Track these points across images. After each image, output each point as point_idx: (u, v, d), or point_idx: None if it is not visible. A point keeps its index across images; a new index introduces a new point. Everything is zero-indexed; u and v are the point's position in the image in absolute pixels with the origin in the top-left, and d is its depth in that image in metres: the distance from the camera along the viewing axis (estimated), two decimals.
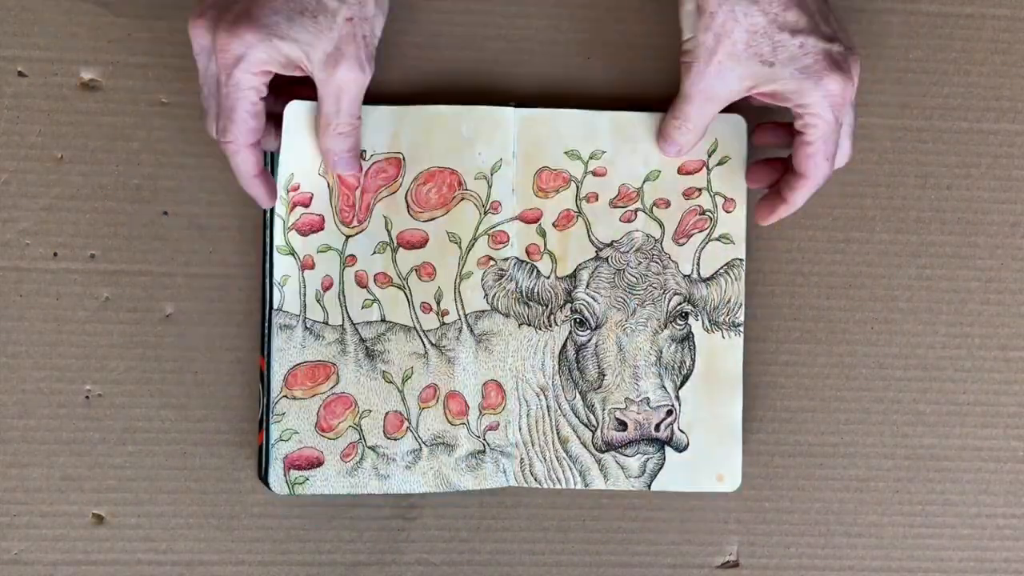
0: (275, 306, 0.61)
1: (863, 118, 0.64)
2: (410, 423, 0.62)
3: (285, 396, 0.61)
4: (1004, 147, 0.65)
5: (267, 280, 0.61)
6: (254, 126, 0.56)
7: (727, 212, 0.62)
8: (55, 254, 0.62)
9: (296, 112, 0.59)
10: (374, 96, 0.61)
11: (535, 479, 0.62)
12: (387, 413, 0.62)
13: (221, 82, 0.55)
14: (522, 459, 0.62)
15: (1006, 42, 0.65)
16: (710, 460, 0.62)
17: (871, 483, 0.65)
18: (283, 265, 0.61)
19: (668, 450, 0.62)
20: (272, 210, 0.61)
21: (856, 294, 0.65)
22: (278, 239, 0.61)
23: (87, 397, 0.62)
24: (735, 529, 0.65)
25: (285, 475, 0.61)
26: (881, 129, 0.65)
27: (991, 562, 0.66)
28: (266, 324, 0.61)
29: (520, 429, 0.62)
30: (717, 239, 0.62)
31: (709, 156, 0.62)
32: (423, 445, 0.62)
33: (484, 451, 0.62)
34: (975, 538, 0.66)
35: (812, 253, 0.65)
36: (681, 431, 0.62)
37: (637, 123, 0.62)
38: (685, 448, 0.62)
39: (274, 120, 0.59)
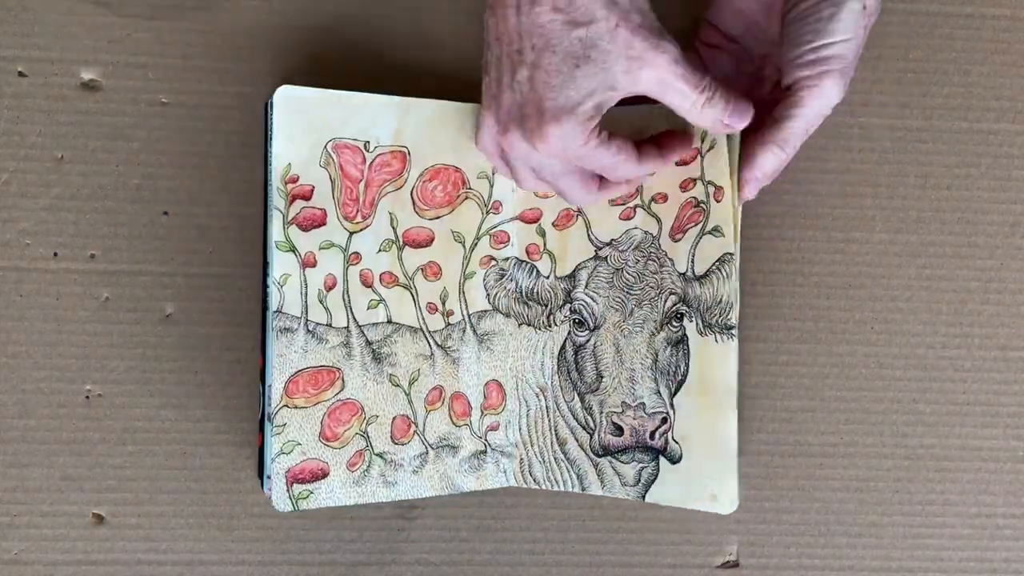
0: (274, 308, 0.59)
1: (863, 118, 0.64)
2: (417, 426, 0.61)
3: (285, 406, 0.59)
4: (1004, 147, 0.65)
5: (266, 280, 0.60)
6: (626, 155, 0.54)
7: (717, 202, 0.59)
8: (55, 254, 0.62)
9: (287, 97, 0.58)
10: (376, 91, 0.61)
11: (534, 480, 0.62)
12: (394, 418, 0.61)
13: (574, 168, 0.55)
14: (521, 459, 0.62)
15: (1006, 42, 0.65)
16: (702, 476, 0.60)
17: (871, 483, 0.65)
18: (283, 263, 0.59)
19: (663, 461, 0.60)
20: (268, 204, 0.59)
21: (856, 294, 0.65)
22: (277, 234, 0.59)
23: (87, 397, 0.62)
24: (735, 529, 0.65)
25: (288, 490, 0.59)
26: (881, 129, 0.65)
27: (991, 562, 0.66)
28: (265, 329, 0.60)
29: (520, 429, 0.62)
30: (710, 232, 0.59)
31: (701, 142, 0.59)
32: (429, 448, 0.61)
33: (485, 451, 0.62)
34: (975, 538, 0.66)
35: (812, 253, 0.65)
36: (675, 441, 0.60)
37: (636, 119, 0.62)
38: (679, 460, 0.60)
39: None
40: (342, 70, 0.62)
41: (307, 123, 0.58)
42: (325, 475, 0.59)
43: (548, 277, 0.62)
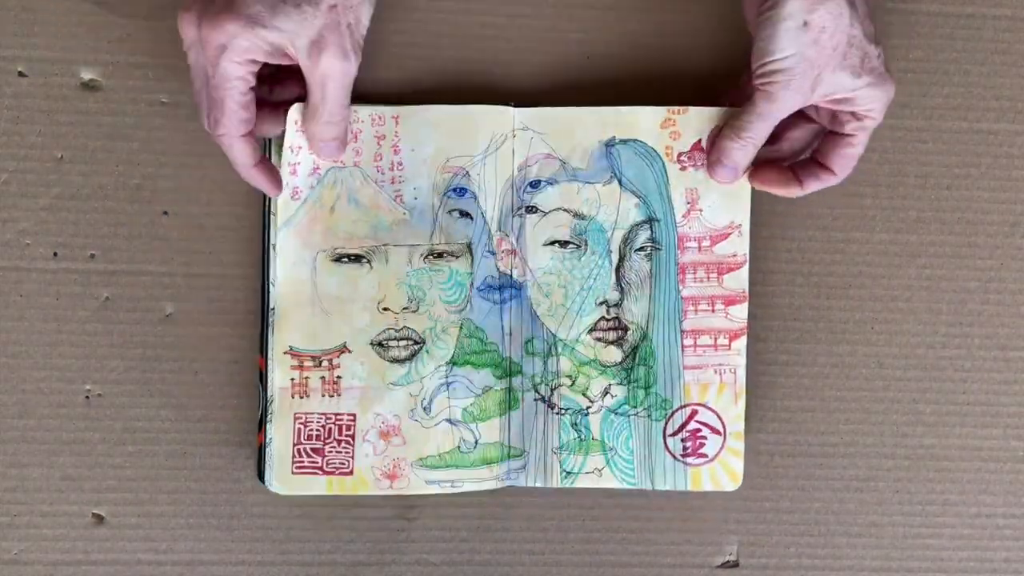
0: (271, 305, 0.61)
1: None
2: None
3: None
4: (1004, 147, 0.65)
5: (265, 280, 0.61)
6: (245, 116, 0.56)
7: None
8: (55, 254, 0.62)
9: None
10: (374, 95, 0.61)
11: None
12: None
13: (209, 75, 0.55)
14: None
15: (1006, 42, 0.65)
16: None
17: (871, 483, 0.65)
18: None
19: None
20: (269, 208, 0.61)
21: (856, 294, 0.65)
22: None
23: (87, 397, 0.62)
24: (735, 529, 0.65)
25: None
26: (881, 129, 0.65)
27: (991, 562, 0.66)
28: (265, 323, 0.61)
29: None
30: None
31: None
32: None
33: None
34: (975, 538, 0.66)
35: (812, 253, 0.65)
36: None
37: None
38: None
39: (271, 107, 0.59)
40: None
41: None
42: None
43: None
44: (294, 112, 0.59)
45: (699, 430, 0.63)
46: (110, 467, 0.62)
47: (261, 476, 0.61)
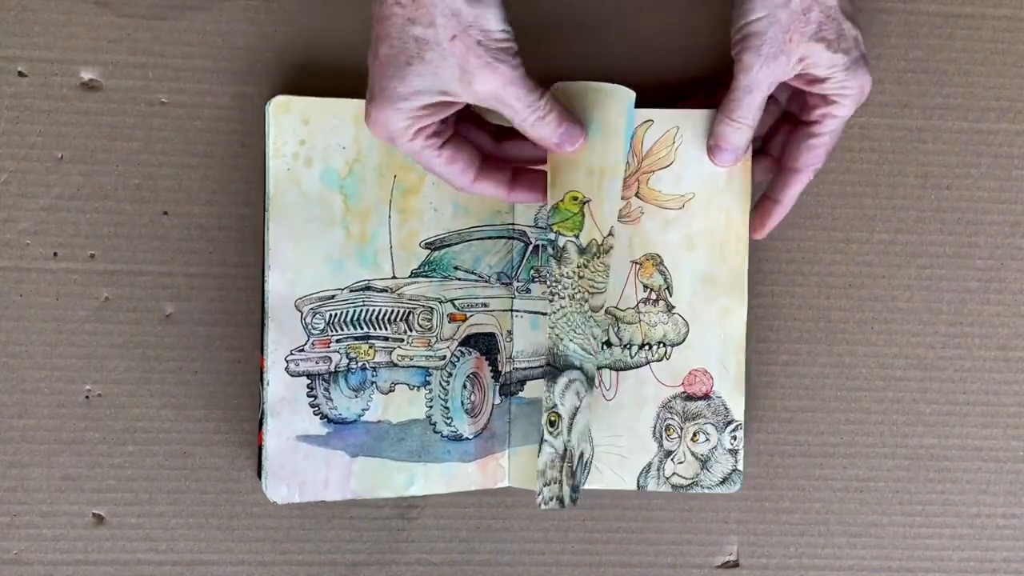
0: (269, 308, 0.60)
1: (863, 118, 0.64)
2: None
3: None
4: (1004, 147, 0.65)
5: (265, 279, 0.60)
6: (461, 166, 0.56)
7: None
8: (55, 254, 0.62)
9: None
10: None
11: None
12: None
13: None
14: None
15: (1006, 42, 0.65)
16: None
17: (871, 483, 0.65)
18: None
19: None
20: (268, 211, 0.60)
21: (856, 294, 0.65)
22: None
23: (87, 397, 0.62)
24: (735, 529, 0.65)
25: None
26: (881, 129, 0.65)
27: (991, 562, 0.66)
28: (264, 328, 0.61)
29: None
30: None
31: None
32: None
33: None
34: (975, 538, 0.66)
35: (812, 253, 0.65)
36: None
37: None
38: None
39: (487, 130, 0.59)
40: (342, 70, 0.62)
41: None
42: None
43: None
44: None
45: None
46: (110, 467, 0.62)
47: (261, 476, 0.61)
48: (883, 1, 0.64)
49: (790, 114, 0.61)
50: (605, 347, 0.62)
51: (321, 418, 0.60)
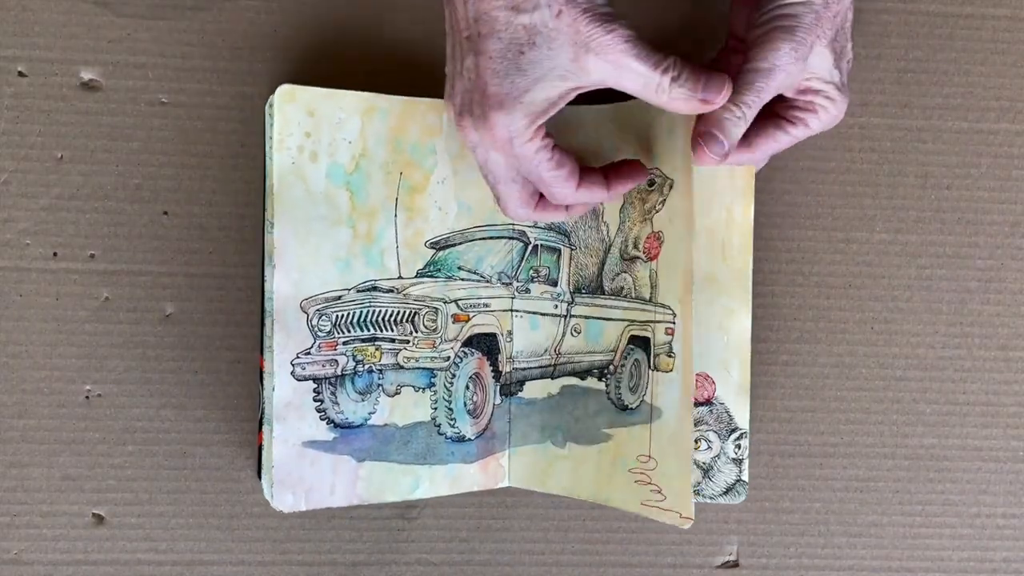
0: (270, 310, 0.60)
1: (863, 118, 0.64)
2: None
3: None
4: (1004, 147, 0.65)
5: (265, 279, 0.60)
6: (564, 173, 0.54)
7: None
8: (55, 254, 0.62)
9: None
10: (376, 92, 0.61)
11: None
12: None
13: (514, 165, 0.54)
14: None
15: (1006, 42, 0.65)
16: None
17: (871, 483, 0.65)
18: None
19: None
20: (273, 208, 0.60)
21: (856, 294, 0.65)
22: None
23: (87, 397, 0.62)
24: (735, 529, 0.65)
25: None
26: (881, 129, 0.65)
27: (991, 562, 0.66)
28: (264, 328, 0.60)
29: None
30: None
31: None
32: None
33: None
34: (975, 538, 0.66)
35: (812, 253, 0.65)
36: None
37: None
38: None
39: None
40: (342, 70, 0.62)
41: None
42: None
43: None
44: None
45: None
46: (110, 467, 0.62)
47: (261, 476, 0.61)
48: (883, 1, 0.64)
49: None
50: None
51: (328, 423, 0.59)
